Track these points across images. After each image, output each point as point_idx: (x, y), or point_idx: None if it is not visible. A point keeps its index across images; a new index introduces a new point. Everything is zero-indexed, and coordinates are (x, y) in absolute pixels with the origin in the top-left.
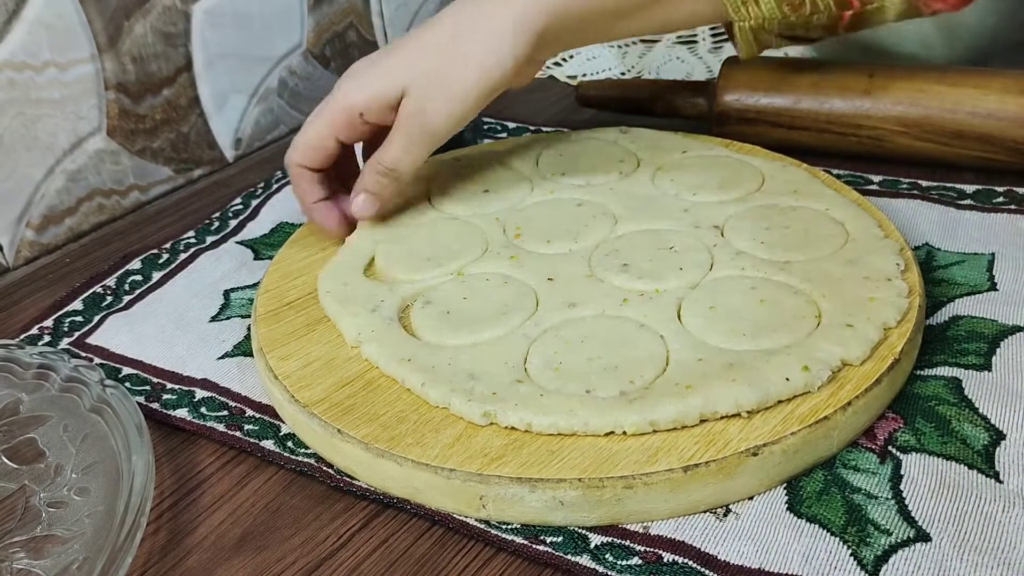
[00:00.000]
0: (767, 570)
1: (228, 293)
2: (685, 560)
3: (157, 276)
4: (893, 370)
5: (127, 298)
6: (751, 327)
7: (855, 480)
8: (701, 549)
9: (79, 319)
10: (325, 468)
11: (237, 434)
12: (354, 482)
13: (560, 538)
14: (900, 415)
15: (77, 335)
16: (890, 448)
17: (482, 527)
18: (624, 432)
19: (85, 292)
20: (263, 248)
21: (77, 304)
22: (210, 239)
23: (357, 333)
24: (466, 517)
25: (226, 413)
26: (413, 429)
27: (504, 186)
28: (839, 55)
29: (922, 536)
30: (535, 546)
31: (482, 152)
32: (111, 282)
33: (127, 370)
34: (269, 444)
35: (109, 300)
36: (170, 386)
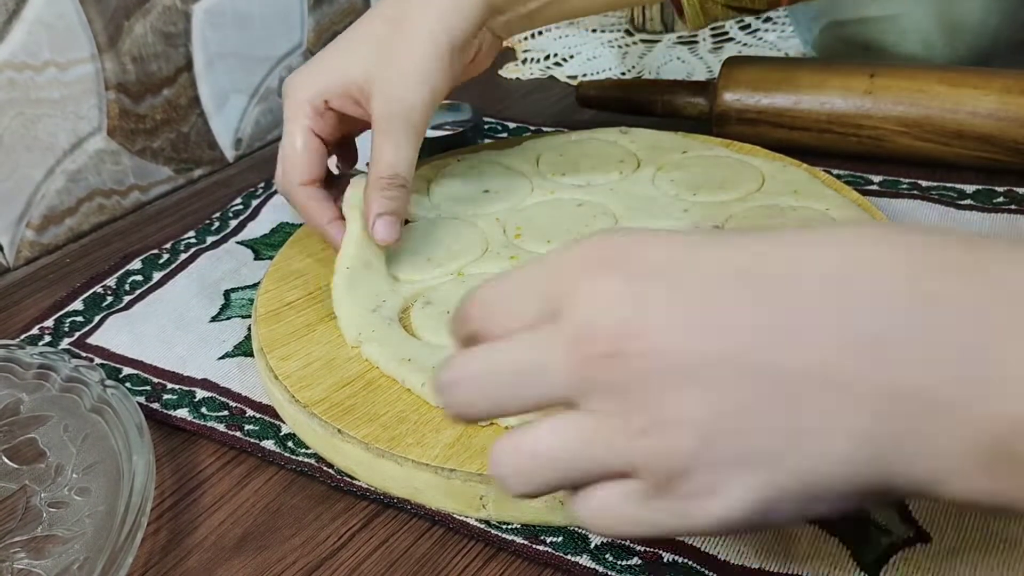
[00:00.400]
0: (767, 570)
1: (228, 293)
2: (685, 560)
3: (157, 276)
4: None
5: (127, 298)
6: None
7: None
8: (701, 549)
9: (79, 319)
10: (325, 468)
11: (237, 434)
12: (354, 482)
13: (560, 538)
14: None
15: (77, 335)
16: None
17: (482, 527)
18: None
19: (85, 292)
20: (263, 248)
21: (77, 304)
22: (210, 239)
23: (357, 333)
24: (466, 517)
25: (226, 413)
26: (413, 429)
27: (504, 186)
28: (839, 55)
29: (922, 536)
30: (535, 546)
31: (482, 152)
32: (111, 282)
33: (127, 370)
34: (269, 444)
35: (109, 300)
36: (170, 386)
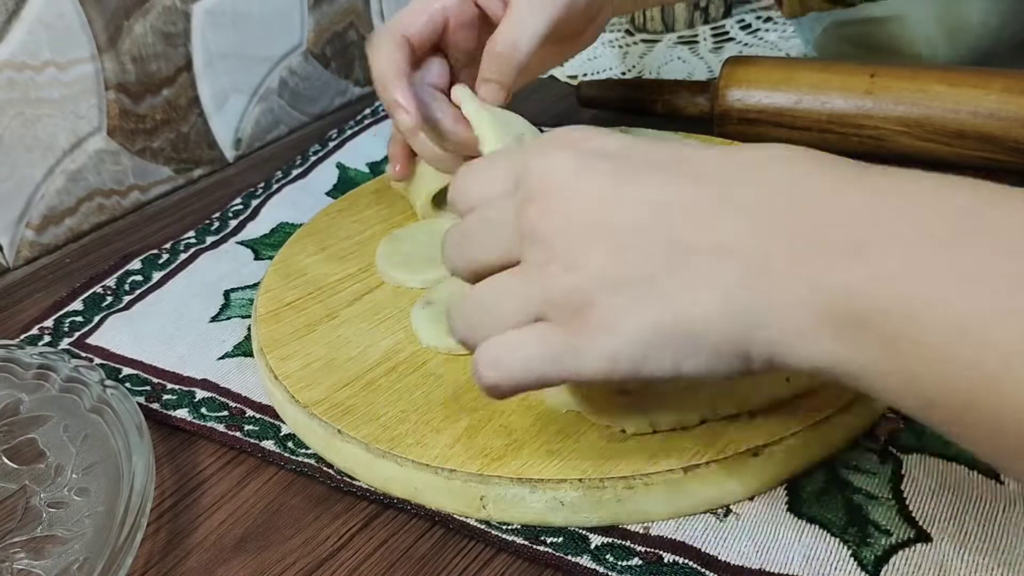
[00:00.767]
0: (768, 570)
1: (228, 293)
2: (686, 560)
3: (157, 276)
4: None
5: (127, 298)
6: None
7: (856, 480)
8: (702, 549)
9: (79, 319)
10: (325, 468)
11: (237, 434)
12: (354, 482)
13: (560, 539)
14: (901, 415)
15: (77, 335)
16: (891, 448)
17: (482, 528)
18: (623, 431)
19: (85, 292)
20: (263, 248)
21: (77, 304)
22: (210, 239)
23: None
24: (466, 518)
25: (226, 413)
26: (413, 429)
27: None
28: (840, 55)
29: (923, 536)
30: (535, 547)
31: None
32: (111, 282)
33: (127, 370)
34: (269, 444)
35: (109, 300)
36: (170, 386)
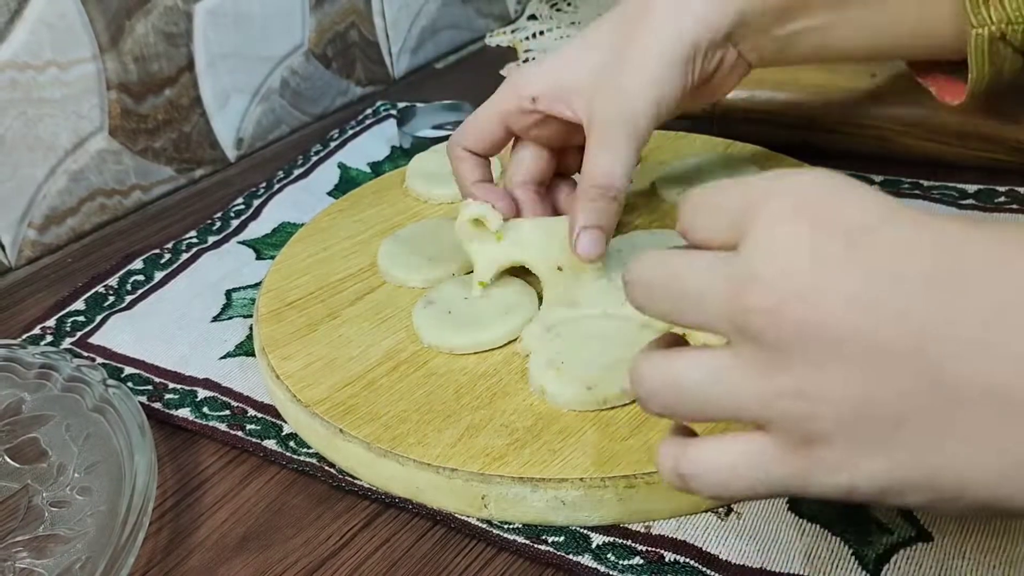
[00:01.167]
0: (769, 569)
1: (230, 293)
2: (687, 560)
3: (159, 276)
4: None
5: (129, 298)
6: None
7: None
8: (703, 549)
9: (81, 319)
10: (327, 468)
11: (239, 434)
12: (356, 482)
13: (562, 538)
14: None
15: (79, 335)
16: None
17: (484, 527)
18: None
19: (87, 292)
20: (265, 248)
21: (79, 304)
22: (212, 239)
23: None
24: (468, 517)
25: (228, 413)
26: (415, 429)
27: None
28: None
29: (924, 535)
30: (537, 546)
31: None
32: (113, 282)
33: (129, 370)
34: (271, 444)
35: (111, 300)
36: (172, 386)
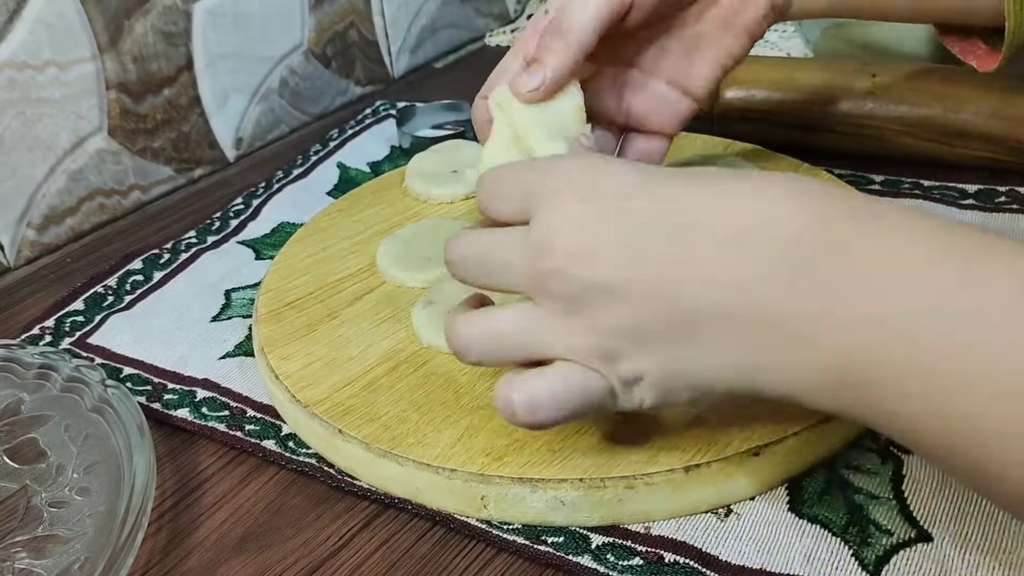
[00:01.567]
0: (768, 570)
1: (229, 293)
2: (687, 560)
3: (158, 276)
4: None
5: (128, 298)
6: None
7: (856, 480)
8: (703, 549)
9: (80, 319)
10: (326, 468)
11: (238, 434)
12: (355, 482)
13: (561, 538)
14: None
15: (78, 335)
16: (892, 448)
17: (483, 527)
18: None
19: (86, 292)
20: (264, 248)
21: (78, 304)
22: (211, 239)
23: None
24: (467, 517)
25: (227, 413)
26: (414, 429)
27: None
28: (841, 55)
29: (924, 536)
30: (536, 546)
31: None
32: (112, 282)
33: (128, 370)
34: (270, 444)
35: (110, 300)
36: (171, 386)
